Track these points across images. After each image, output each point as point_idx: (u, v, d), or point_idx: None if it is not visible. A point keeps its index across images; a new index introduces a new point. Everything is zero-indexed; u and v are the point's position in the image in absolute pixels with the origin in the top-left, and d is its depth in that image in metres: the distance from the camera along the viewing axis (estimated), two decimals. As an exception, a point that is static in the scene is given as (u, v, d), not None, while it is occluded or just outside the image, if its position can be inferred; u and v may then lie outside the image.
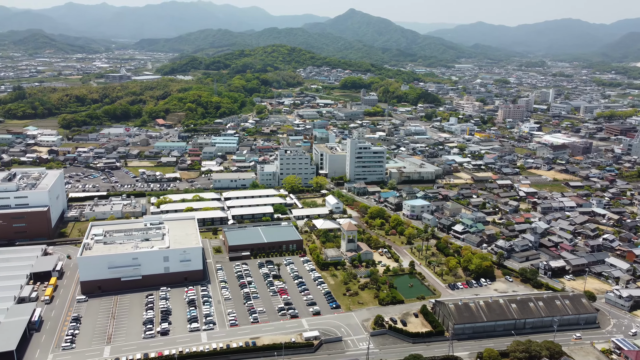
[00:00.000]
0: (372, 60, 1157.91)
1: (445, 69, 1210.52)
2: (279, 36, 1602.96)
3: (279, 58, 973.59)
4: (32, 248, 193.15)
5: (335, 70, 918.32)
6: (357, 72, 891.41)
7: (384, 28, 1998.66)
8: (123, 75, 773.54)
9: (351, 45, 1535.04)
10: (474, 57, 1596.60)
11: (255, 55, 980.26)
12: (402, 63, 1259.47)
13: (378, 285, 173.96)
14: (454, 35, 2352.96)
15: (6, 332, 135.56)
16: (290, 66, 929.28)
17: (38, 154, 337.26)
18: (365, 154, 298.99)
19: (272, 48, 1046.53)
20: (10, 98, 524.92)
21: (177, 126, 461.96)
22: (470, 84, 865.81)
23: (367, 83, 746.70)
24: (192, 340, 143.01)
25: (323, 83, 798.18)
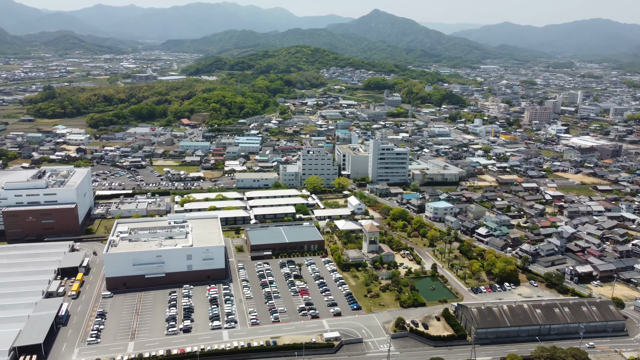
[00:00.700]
0: (396, 61, 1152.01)
1: (470, 70, 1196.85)
2: (302, 37, 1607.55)
3: (302, 59, 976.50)
4: (60, 244, 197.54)
5: (359, 71, 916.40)
6: (380, 73, 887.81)
7: (408, 28, 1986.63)
8: (149, 76, 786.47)
9: (375, 46, 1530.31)
10: (499, 58, 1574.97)
11: (279, 56, 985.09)
12: (426, 64, 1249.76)
13: (399, 287, 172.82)
14: (479, 36, 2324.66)
15: (34, 326, 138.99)
16: (313, 67, 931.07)
17: (67, 152, 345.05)
18: (388, 155, 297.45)
19: (295, 49, 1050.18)
20: (40, 97, 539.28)
21: (201, 126, 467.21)
22: (495, 85, 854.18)
23: (391, 84, 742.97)
24: (214, 338, 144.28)
25: (346, 84, 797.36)
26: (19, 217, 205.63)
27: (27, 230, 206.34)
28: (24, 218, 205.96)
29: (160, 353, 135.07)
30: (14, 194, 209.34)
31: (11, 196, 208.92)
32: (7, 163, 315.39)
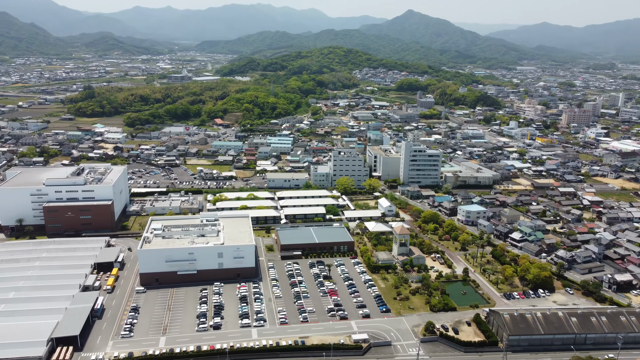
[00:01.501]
0: (430, 62, 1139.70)
1: (506, 71, 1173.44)
2: (335, 38, 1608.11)
3: (335, 60, 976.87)
4: (96, 239, 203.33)
5: (392, 72, 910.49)
6: (413, 74, 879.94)
7: (442, 29, 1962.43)
8: (184, 76, 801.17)
9: (408, 47, 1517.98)
10: (537, 59, 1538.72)
11: (312, 56, 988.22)
12: (461, 65, 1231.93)
13: (430, 291, 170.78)
14: (516, 37, 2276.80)
15: (71, 318, 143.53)
16: (346, 68, 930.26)
17: (104, 151, 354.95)
18: (420, 157, 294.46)
19: (328, 50, 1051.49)
20: (80, 97, 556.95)
21: (234, 126, 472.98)
22: (532, 87, 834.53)
23: (424, 85, 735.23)
24: (243, 335, 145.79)
25: (379, 85, 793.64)
26: (59, 212, 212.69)
27: (66, 225, 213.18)
28: (64, 213, 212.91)
29: (191, 349, 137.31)
30: (54, 190, 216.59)
31: (52, 192, 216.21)
32: (49, 160, 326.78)
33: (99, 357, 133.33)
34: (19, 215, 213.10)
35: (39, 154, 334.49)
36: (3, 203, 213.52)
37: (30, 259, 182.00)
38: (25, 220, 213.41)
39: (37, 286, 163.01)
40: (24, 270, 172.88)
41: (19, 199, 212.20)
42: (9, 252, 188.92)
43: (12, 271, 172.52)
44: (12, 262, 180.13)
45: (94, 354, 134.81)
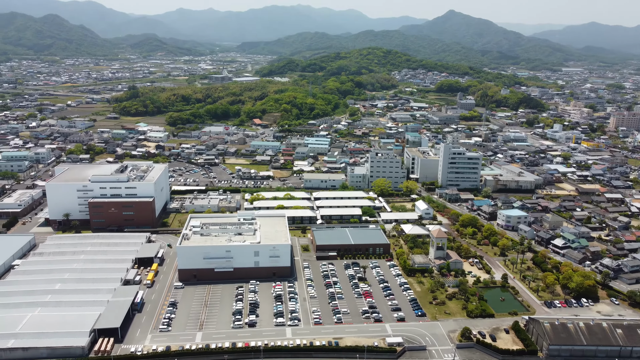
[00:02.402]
0: (471, 63, 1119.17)
1: (551, 72, 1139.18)
2: (375, 39, 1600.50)
3: (374, 60, 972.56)
4: (138, 235, 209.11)
5: (431, 73, 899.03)
6: (453, 75, 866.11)
7: (484, 30, 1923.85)
8: (225, 77, 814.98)
9: (449, 48, 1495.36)
10: (584, 60, 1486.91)
11: (351, 57, 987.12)
12: (503, 66, 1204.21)
13: (467, 296, 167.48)
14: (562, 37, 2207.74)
15: (113, 310, 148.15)
16: (385, 69, 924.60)
17: (147, 149, 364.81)
18: (459, 160, 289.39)
19: (367, 50, 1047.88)
20: (125, 97, 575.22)
21: (272, 126, 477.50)
22: (578, 89, 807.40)
23: (464, 86, 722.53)
24: (278, 334, 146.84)
25: (418, 86, 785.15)
26: (103, 208, 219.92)
27: (109, 221, 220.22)
28: (107, 209, 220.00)
29: (226, 345, 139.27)
30: (99, 186, 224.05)
31: (97, 188, 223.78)
32: (94, 157, 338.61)
33: (138, 349, 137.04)
34: (66, 210, 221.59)
35: (85, 151, 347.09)
36: (52, 198, 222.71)
37: (76, 252, 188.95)
38: (71, 215, 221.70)
39: (82, 278, 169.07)
40: (69, 263, 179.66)
41: (66, 194, 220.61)
42: (56, 245, 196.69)
43: (59, 263, 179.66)
44: (58, 254, 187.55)
45: (134, 346, 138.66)
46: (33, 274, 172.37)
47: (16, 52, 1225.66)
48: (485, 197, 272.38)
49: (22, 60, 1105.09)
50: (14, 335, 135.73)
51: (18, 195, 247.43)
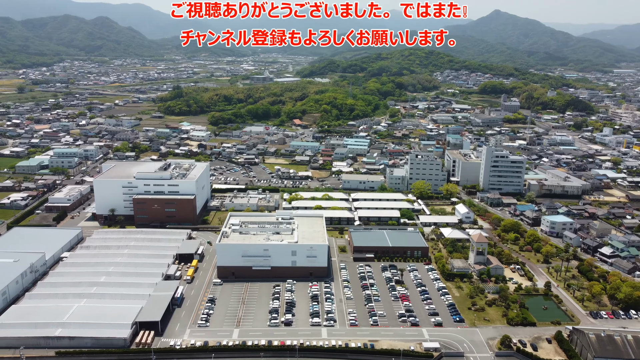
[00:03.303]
0: (516, 64, 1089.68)
1: (601, 74, 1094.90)
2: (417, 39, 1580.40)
3: (415, 61, 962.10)
4: (179, 231, 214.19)
5: (475, 74, 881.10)
6: (498, 77, 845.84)
7: (531, 30, 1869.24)
8: (266, 77, 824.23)
9: (493, 48, 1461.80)
10: (637, 60, 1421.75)
11: (392, 58, 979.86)
12: (550, 67, 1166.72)
13: (507, 303, 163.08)
14: (614, 37, 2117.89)
15: (154, 304, 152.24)
16: (426, 70, 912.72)
17: (189, 147, 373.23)
18: (502, 163, 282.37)
19: (409, 51, 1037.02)
20: (170, 96, 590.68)
21: (312, 127, 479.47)
22: (630, 91, 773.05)
23: (509, 88, 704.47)
24: (313, 334, 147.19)
25: (460, 87, 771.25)
26: (147, 204, 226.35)
27: (152, 217, 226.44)
28: (151, 205, 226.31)
29: (262, 343, 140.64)
30: (143, 183, 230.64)
31: (141, 185, 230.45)
32: (139, 155, 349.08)
33: (177, 343, 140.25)
34: (112, 205, 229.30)
35: (131, 149, 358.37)
36: (98, 194, 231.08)
37: (120, 246, 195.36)
38: (116, 210, 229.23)
39: (125, 272, 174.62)
40: (113, 257, 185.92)
41: (112, 190, 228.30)
42: (102, 239, 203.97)
43: (104, 257, 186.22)
44: (104, 248, 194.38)
45: (173, 340, 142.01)
46: (80, 266, 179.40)
47: (69, 53, 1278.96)
48: (528, 202, 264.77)
49: (74, 60, 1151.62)
50: (61, 325, 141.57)
51: (67, 190, 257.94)
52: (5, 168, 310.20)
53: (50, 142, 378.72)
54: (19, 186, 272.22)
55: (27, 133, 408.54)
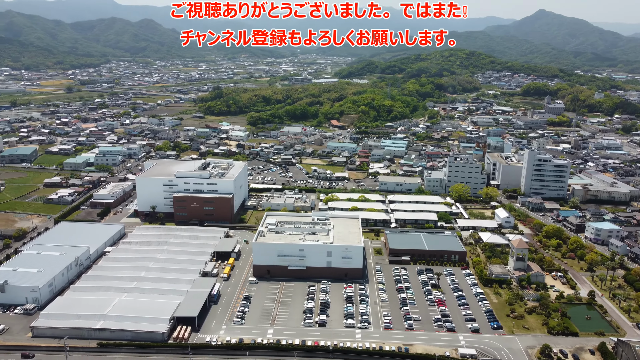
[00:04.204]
0: (561, 65, 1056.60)
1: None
2: (457, 40, 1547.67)
3: (455, 62, 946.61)
4: (217, 230, 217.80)
5: (517, 76, 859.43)
6: (541, 78, 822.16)
7: (578, 30, 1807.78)
8: (304, 78, 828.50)
9: (537, 49, 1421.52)
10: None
11: (432, 59, 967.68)
12: (598, 68, 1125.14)
13: (548, 311, 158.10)
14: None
15: (191, 300, 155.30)
16: (467, 71, 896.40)
17: (228, 147, 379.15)
18: (544, 167, 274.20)
19: (449, 52, 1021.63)
20: (210, 97, 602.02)
21: (349, 128, 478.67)
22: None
23: (553, 90, 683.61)
24: (347, 335, 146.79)
25: (502, 89, 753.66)
26: (186, 202, 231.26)
27: (191, 215, 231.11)
28: (190, 203, 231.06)
29: (296, 342, 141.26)
30: (183, 182, 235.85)
31: (181, 183, 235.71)
32: (180, 154, 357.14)
33: (213, 339, 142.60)
34: (153, 203, 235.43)
35: (172, 148, 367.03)
36: (140, 191, 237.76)
37: (160, 243, 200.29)
38: (157, 208, 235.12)
39: (164, 268, 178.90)
40: (153, 253, 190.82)
41: (153, 187, 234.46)
42: (143, 235, 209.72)
43: (145, 252, 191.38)
44: (145, 244, 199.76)
45: (209, 336, 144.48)
46: (122, 261, 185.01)
47: (114, 55, 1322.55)
48: (572, 208, 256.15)
49: (119, 62, 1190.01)
50: (103, 317, 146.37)
51: (111, 187, 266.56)
52: (54, 165, 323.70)
53: (96, 140, 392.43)
54: (66, 182, 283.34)
55: (74, 131, 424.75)
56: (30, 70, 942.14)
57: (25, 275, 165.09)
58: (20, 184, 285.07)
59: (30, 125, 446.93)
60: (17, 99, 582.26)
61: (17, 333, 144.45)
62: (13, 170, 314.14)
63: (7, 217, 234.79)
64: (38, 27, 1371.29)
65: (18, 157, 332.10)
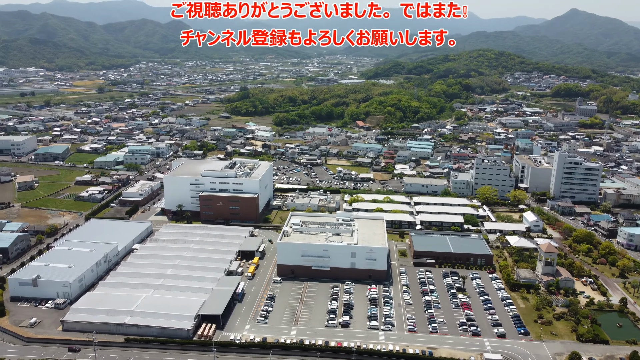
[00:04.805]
0: (594, 66, 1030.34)
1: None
2: (486, 40, 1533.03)
3: (484, 63, 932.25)
4: (242, 229, 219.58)
5: (548, 77, 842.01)
6: (573, 79, 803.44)
7: (612, 29, 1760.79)
8: (330, 79, 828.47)
9: (569, 49, 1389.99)
10: None
11: (459, 60, 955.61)
12: (633, 69, 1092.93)
13: (578, 318, 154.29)
14: None
15: (216, 298, 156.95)
16: (496, 71, 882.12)
17: (254, 147, 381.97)
18: (575, 170, 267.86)
19: (477, 52, 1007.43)
20: (237, 97, 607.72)
21: (375, 128, 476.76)
22: None
23: (585, 91, 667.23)
24: (370, 337, 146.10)
25: (532, 90, 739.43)
26: (212, 201, 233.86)
27: (217, 214, 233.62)
28: (216, 203, 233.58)
29: (319, 343, 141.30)
30: (209, 181, 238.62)
31: (207, 182, 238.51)
32: (207, 153, 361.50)
33: (237, 337, 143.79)
34: (180, 201, 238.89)
35: (199, 148, 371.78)
36: (168, 190, 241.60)
37: (186, 241, 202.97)
38: (184, 206, 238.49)
39: (190, 266, 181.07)
40: (180, 251, 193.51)
41: (180, 186, 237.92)
42: (170, 233, 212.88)
43: (171, 250, 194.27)
44: (171, 242, 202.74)
45: (233, 334, 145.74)
46: (149, 258, 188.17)
47: (144, 55, 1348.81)
48: (604, 212, 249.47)
49: (149, 62, 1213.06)
50: (130, 313, 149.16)
51: (140, 185, 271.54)
52: (85, 163, 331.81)
53: (125, 139, 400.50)
54: (97, 180, 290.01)
55: (105, 130, 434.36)
56: (64, 70, 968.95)
57: (57, 270, 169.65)
58: (53, 181, 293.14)
59: (63, 124, 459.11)
60: (51, 99, 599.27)
61: (48, 326, 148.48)
62: (46, 168, 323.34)
63: (40, 213, 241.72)
64: (71, 29, 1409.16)
65: (51, 155, 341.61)
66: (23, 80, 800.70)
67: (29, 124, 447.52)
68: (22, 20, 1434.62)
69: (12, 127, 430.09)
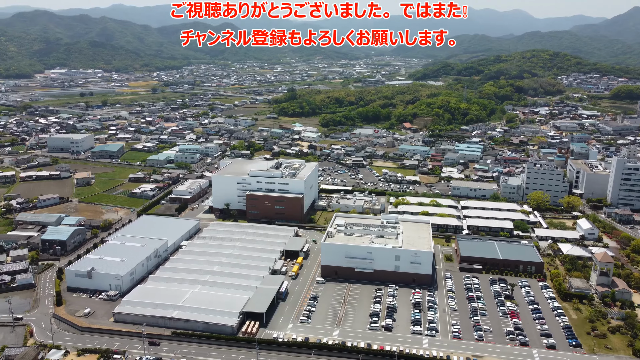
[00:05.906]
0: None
1: None
2: (540, 40, 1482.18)
3: (538, 64, 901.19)
4: (286, 228, 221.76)
5: (606, 78, 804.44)
6: (634, 80, 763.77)
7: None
8: (378, 80, 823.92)
9: (630, 49, 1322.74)
10: None
11: (512, 60, 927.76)
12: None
13: (635, 332, 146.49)
14: None
15: (260, 296, 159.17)
16: (550, 73, 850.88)
17: (300, 148, 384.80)
18: (635, 176, 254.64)
19: (531, 53, 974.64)
20: (284, 98, 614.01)
21: (422, 130, 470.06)
22: None
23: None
24: (413, 342, 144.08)
25: (589, 92, 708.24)
26: (258, 200, 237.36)
27: (262, 213, 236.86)
28: (262, 202, 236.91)
29: (361, 345, 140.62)
30: (256, 181, 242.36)
31: (254, 182, 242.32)
32: (254, 153, 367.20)
33: (280, 336, 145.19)
34: (227, 200, 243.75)
35: (246, 148, 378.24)
36: (216, 188, 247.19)
37: (232, 239, 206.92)
38: (231, 205, 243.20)
39: (236, 264, 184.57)
40: (226, 248, 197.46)
41: (228, 185, 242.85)
42: (217, 231, 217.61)
43: (218, 248, 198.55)
44: (218, 240, 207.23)
45: (276, 332, 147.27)
46: (196, 255, 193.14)
47: (196, 57, 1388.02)
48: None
49: (200, 64, 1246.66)
50: (177, 307, 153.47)
51: (189, 184, 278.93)
52: (138, 161, 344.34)
53: (176, 138, 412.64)
54: (149, 178, 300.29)
55: (157, 130, 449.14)
56: (120, 72, 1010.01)
57: (110, 263, 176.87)
58: (108, 178, 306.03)
59: (119, 123, 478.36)
60: (108, 99, 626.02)
61: (101, 317, 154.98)
62: (102, 165, 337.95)
63: (96, 208, 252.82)
64: (128, 32, 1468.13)
65: (107, 153, 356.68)
66: (83, 81, 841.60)
67: (87, 123, 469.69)
68: (83, 24, 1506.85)
69: (72, 126, 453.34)
